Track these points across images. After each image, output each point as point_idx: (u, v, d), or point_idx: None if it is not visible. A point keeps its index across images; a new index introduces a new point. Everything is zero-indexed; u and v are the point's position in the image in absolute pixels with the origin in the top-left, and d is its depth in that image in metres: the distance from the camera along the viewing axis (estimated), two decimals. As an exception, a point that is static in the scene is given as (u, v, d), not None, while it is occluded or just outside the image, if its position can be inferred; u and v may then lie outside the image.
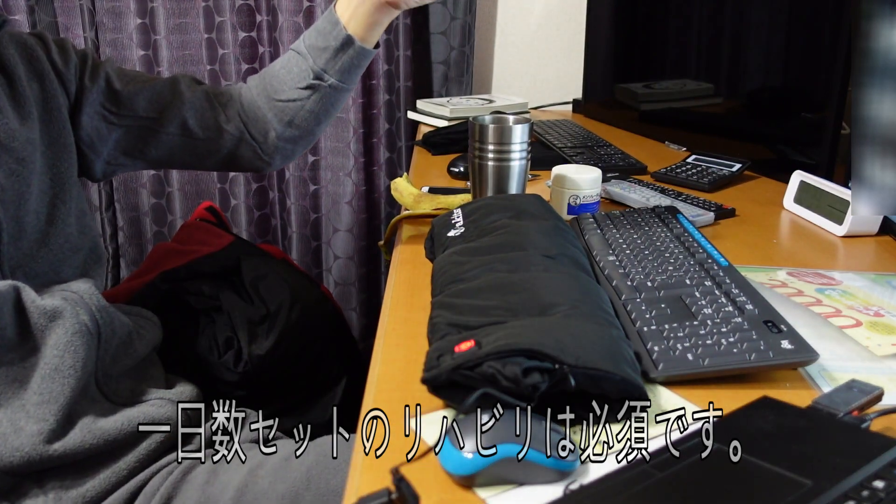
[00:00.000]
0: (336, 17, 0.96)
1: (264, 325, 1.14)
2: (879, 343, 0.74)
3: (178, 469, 0.84)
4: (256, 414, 0.99)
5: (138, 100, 0.95)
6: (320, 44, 0.97)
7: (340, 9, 0.97)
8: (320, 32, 0.97)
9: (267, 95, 1.01)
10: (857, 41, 0.96)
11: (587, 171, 1.09)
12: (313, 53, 0.98)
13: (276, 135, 1.01)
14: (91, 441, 0.80)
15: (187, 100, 0.98)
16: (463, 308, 0.71)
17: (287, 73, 0.99)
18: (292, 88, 0.99)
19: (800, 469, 0.46)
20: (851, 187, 1.03)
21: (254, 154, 1.04)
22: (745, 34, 1.44)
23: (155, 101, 0.97)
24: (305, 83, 0.99)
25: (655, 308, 0.75)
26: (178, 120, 0.98)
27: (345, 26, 0.96)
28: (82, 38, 1.77)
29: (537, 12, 2.01)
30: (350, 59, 0.98)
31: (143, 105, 0.96)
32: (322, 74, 0.98)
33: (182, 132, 0.98)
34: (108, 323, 0.85)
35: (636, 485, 0.47)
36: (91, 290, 0.85)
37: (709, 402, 0.64)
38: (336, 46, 0.96)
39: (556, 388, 0.58)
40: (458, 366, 0.59)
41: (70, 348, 0.79)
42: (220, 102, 1.01)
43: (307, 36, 0.99)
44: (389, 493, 0.49)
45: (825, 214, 1.10)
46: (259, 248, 1.34)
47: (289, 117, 1.01)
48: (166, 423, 0.87)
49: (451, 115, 1.69)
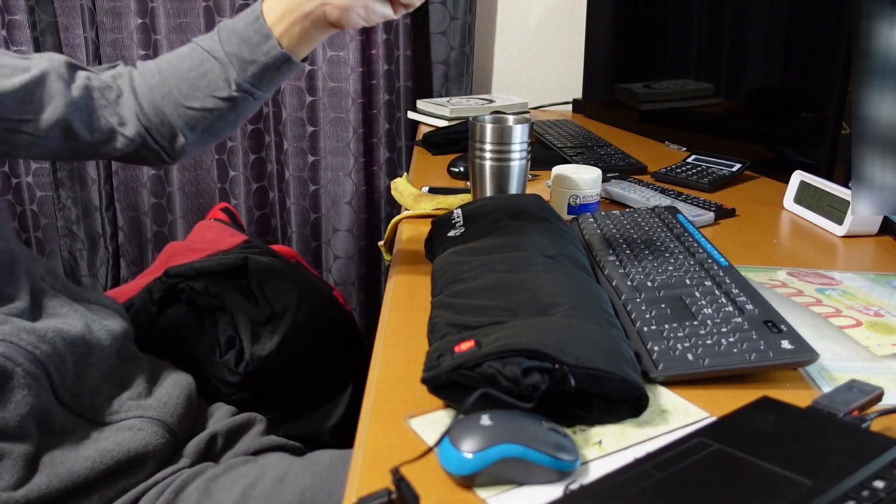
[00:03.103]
0: (266, 28, 0.83)
1: (268, 327, 1.14)
2: (879, 343, 0.74)
3: (170, 488, 0.83)
4: (257, 418, 0.99)
5: (7, 101, 0.82)
6: (246, 55, 0.85)
7: (272, 18, 0.83)
8: (245, 41, 0.84)
9: (174, 100, 0.87)
10: (857, 41, 0.96)
11: (587, 171, 1.09)
12: (236, 64, 0.85)
13: (186, 141, 0.90)
14: (57, 485, 0.77)
15: (69, 100, 0.84)
16: (463, 308, 0.71)
17: (201, 77, 0.86)
18: (207, 96, 0.87)
19: (800, 469, 0.46)
20: (851, 187, 1.03)
21: (156, 156, 0.92)
22: (745, 34, 1.44)
23: (27, 101, 0.82)
24: (225, 94, 0.86)
25: (655, 308, 0.75)
26: (59, 124, 0.84)
27: (278, 41, 0.84)
28: (82, 37, 1.77)
29: (537, 12, 2.01)
30: (281, 74, 0.87)
31: (11, 104, 0.82)
32: (248, 88, 0.86)
33: (64, 135, 0.85)
34: (51, 353, 0.80)
35: (636, 485, 0.47)
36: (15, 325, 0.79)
37: (709, 402, 0.64)
38: (267, 62, 0.85)
39: (557, 389, 0.58)
40: (457, 366, 0.59)
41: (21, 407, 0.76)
42: (109, 99, 0.88)
43: (226, 40, 0.85)
44: (389, 493, 0.49)
45: (825, 214, 1.10)
46: (270, 248, 1.33)
47: (203, 126, 0.89)
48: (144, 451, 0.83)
49: (451, 115, 1.69)
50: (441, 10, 1.88)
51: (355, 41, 1.85)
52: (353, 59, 1.85)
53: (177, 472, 0.85)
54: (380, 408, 0.63)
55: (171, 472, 0.85)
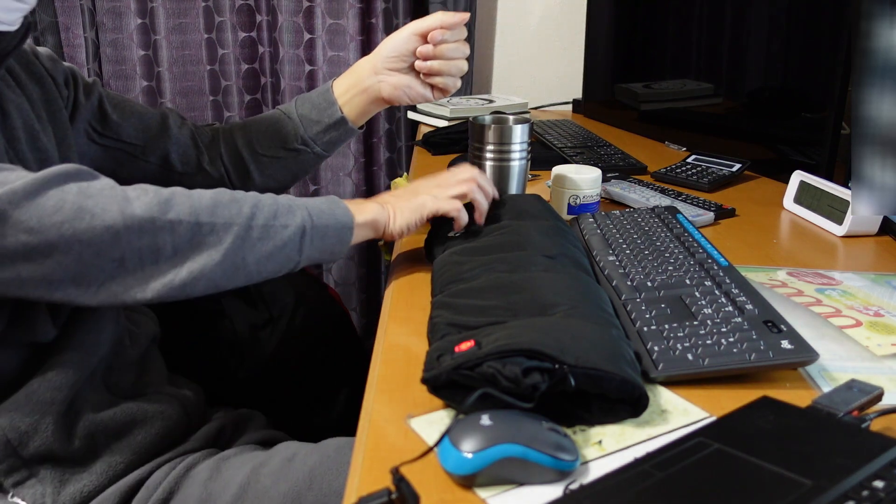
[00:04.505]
0: (333, 97, 1.04)
1: (266, 330, 1.14)
2: (879, 343, 0.74)
3: (182, 465, 0.85)
4: (260, 415, 1.00)
5: (126, 126, 0.99)
6: (314, 116, 1.04)
7: (338, 91, 1.04)
8: (315, 106, 1.05)
9: (251, 148, 1.06)
10: (857, 41, 0.96)
11: (587, 171, 1.09)
12: (305, 123, 1.05)
13: (255, 184, 1.07)
14: (83, 432, 0.80)
15: (174, 135, 1.02)
16: (463, 308, 0.71)
17: (276, 132, 1.05)
18: (278, 147, 1.05)
19: (800, 469, 0.46)
20: (851, 187, 1.03)
21: None
22: (745, 34, 1.44)
23: (142, 129, 1.00)
24: (292, 146, 1.05)
25: (655, 308, 0.75)
26: (160, 151, 1.01)
27: (340, 108, 1.03)
28: (82, 38, 1.77)
29: (537, 12, 2.01)
30: (339, 135, 1.06)
31: (130, 132, 0.99)
32: (309, 142, 1.05)
33: (162, 163, 1.02)
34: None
35: (636, 485, 0.47)
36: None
37: (709, 402, 0.64)
38: (329, 123, 1.04)
39: (557, 389, 0.58)
40: (458, 366, 0.59)
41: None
42: (204, 142, 1.06)
43: (300, 105, 1.06)
44: (390, 492, 0.49)
45: (825, 214, 1.10)
46: None
47: (269, 171, 1.07)
48: (161, 417, 0.87)
49: (451, 115, 1.69)
50: (441, 10, 1.88)
51: (356, 41, 1.85)
52: (353, 59, 1.85)
53: (188, 453, 0.87)
54: (380, 408, 0.63)
55: (183, 453, 0.87)
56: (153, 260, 0.69)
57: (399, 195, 0.89)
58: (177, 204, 0.71)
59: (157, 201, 0.70)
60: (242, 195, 0.77)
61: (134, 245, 0.68)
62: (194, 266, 0.71)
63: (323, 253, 0.80)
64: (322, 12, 1.84)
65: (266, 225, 0.75)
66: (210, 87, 1.86)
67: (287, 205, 0.78)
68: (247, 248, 0.74)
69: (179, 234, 0.70)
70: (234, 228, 0.73)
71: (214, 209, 0.73)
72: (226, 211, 0.73)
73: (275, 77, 1.90)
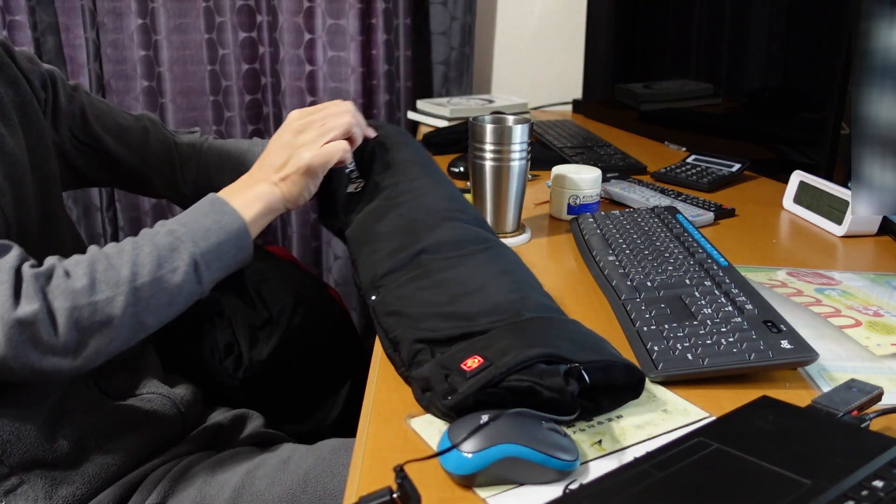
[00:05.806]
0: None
1: (265, 331, 1.14)
2: (879, 343, 0.74)
3: (177, 467, 0.85)
4: (258, 415, 1.00)
5: (106, 138, 0.98)
6: None
7: None
8: None
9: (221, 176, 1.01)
10: (857, 41, 0.96)
11: (587, 171, 1.09)
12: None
13: None
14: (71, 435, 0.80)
15: (152, 151, 1.01)
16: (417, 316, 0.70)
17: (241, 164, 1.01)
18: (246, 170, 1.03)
19: (799, 469, 0.46)
20: (851, 187, 1.03)
21: None
22: (745, 34, 1.44)
23: (122, 144, 0.99)
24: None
25: (655, 308, 0.75)
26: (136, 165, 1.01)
27: None
28: (83, 38, 1.77)
29: (537, 12, 2.01)
30: None
31: (110, 144, 0.98)
32: None
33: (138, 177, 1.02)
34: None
35: (636, 485, 0.47)
36: None
37: (708, 402, 0.64)
38: None
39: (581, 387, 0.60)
40: (483, 386, 0.58)
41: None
42: (182, 159, 1.04)
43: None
44: (391, 491, 0.49)
45: (825, 214, 1.10)
46: (265, 249, 1.33)
47: None
48: (154, 417, 0.86)
49: (451, 115, 1.69)
50: (441, 10, 1.88)
51: (356, 41, 1.85)
52: (353, 59, 1.85)
53: (183, 455, 0.87)
54: (380, 407, 0.64)
55: (178, 455, 0.87)
56: (43, 352, 0.67)
57: (274, 154, 0.84)
58: (57, 292, 0.67)
59: (38, 288, 0.67)
60: (117, 252, 0.71)
61: (16, 340, 0.65)
62: (89, 351, 0.68)
63: (226, 269, 0.78)
64: (322, 12, 1.84)
65: (153, 280, 0.71)
66: (210, 88, 1.86)
67: (168, 243, 0.73)
68: (141, 311, 0.70)
69: (61, 326, 0.67)
70: (120, 300, 0.69)
71: (93, 286, 0.68)
72: (103, 284, 0.69)
73: (275, 77, 1.90)
